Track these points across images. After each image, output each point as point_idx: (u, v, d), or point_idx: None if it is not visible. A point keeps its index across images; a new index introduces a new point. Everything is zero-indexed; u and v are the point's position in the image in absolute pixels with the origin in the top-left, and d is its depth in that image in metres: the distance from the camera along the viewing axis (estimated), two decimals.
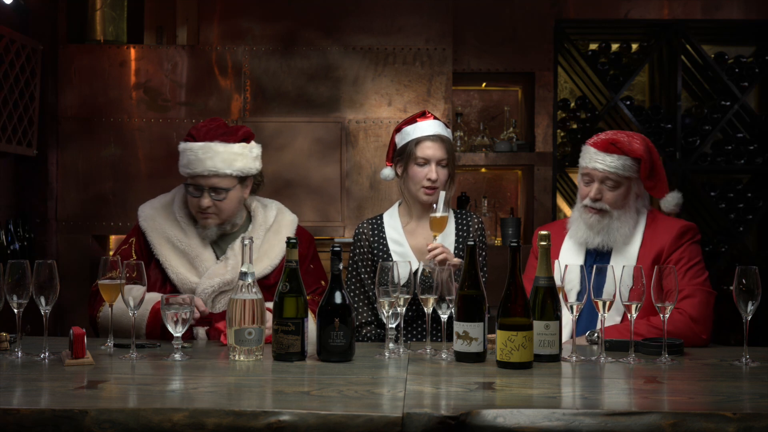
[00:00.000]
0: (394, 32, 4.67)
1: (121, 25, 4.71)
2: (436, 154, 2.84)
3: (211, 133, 2.75)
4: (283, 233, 2.86)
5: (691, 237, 2.68)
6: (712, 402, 1.77)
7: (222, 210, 2.75)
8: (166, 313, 2.21)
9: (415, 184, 2.85)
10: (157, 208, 2.84)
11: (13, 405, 1.69)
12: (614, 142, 2.67)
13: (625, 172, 2.66)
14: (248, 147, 2.80)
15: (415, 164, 2.84)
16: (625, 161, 2.66)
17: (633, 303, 2.21)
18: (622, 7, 4.96)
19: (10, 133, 4.20)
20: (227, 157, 2.73)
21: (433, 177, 2.82)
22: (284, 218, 2.93)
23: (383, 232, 2.93)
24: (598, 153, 2.69)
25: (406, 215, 2.96)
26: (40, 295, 2.20)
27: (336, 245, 2.26)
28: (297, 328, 2.21)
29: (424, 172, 2.83)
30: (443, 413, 1.66)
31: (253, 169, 2.80)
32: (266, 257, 2.80)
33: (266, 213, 2.89)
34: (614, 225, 2.68)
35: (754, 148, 5.04)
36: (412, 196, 2.88)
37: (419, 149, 2.84)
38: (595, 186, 2.70)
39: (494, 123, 5.27)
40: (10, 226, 4.23)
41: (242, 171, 2.75)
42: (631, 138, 2.69)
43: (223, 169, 2.72)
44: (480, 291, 2.21)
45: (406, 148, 2.87)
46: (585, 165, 2.73)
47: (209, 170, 2.71)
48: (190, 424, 1.64)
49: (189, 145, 2.76)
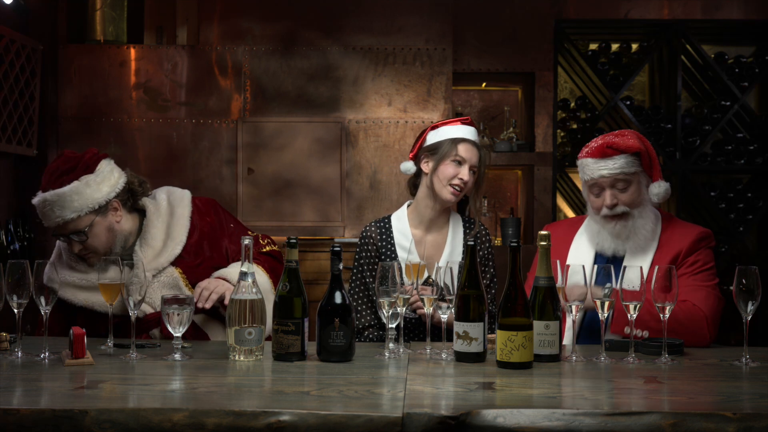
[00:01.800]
0: (394, 32, 4.67)
1: (121, 25, 4.71)
2: (472, 158, 2.85)
3: (49, 181, 2.64)
4: (178, 210, 2.82)
5: (708, 243, 2.69)
6: (712, 402, 1.77)
7: (95, 247, 2.67)
8: (167, 313, 2.20)
9: (444, 179, 2.84)
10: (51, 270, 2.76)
11: (13, 405, 1.69)
12: (609, 145, 2.65)
13: (630, 168, 2.65)
14: (87, 179, 2.65)
15: (451, 161, 2.84)
16: (626, 158, 2.65)
17: (632, 303, 2.21)
18: (622, 7, 4.96)
19: (10, 133, 4.20)
20: (65, 203, 2.60)
21: (465, 177, 2.82)
22: (175, 197, 2.87)
23: (392, 237, 2.91)
24: (597, 161, 2.67)
25: (415, 219, 2.93)
26: (40, 295, 2.20)
27: (336, 245, 2.26)
28: (297, 328, 2.21)
29: (457, 171, 2.83)
30: (443, 413, 1.66)
31: (102, 196, 2.66)
32: (171, 240, 2.78)
33: (156, 203, 2.84)
34: (639, 224, 2.66)
35: (754, 148, 5.04)
36: (435, 192, 2.86)
37: (460, 148, 2.84)
38: (607, 193, 2.67)
39: (494, 123, 5.27)
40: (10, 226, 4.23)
41: (88, 206, 2.62)
42: (622, 136, 2.68)
43: (67, 215, 2.60)
44: (480, 291, 2.21)
45: (441, 145, 2.86)
46: (590, 177, 2.69)
47: (56, 222, 2.61)
48: (190, 424, 1.64)
49: (37, 199, 2.65)
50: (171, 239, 2.78)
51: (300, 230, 4.60)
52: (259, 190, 4.64)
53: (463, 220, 2.97)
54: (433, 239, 2.91)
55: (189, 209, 2.85)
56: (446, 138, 2.87)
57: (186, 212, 2.84)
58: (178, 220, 2.81)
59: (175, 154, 4.59)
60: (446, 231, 2.92)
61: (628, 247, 2.67)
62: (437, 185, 2.85)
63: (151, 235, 2.78)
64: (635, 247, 2.67)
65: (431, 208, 2.90)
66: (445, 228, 2.93)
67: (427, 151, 2.90)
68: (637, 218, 2.66)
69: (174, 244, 2.77)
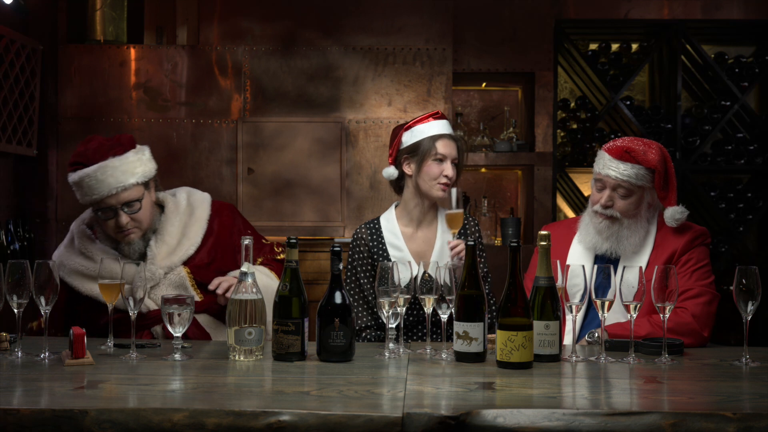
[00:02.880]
0: (394, 32, 4.67)
1: (121, 25, 4.71)
2: (452, 152, 2.87)
3: (99, 153, 2.69)
4: (198, 212, 2.87)
5: (702, 241, 2.69)
6: (712, 402, 1.77)
7: (141, 221, 2.73)
8: (167, 312, 2.21)
9: (431, 180, 2.84)
10: (62, 254, 2.80)
11: (13, 405, 1.69)
12: (629, 150, 2.63)
13: (638, 181, 2.63)
14: (139, 151, 2.76)
15: (433, 160, 2.84)
16: (639, 170, 2.62)
17: (632, 303, 2.21)
18: (622, 7, 4.96)
19: (10, 133, 4.20)
20: (127, 169, 2.68)
21: (450, 174, 2.83)
22: (195, 198, 2.92)
23: (382, 237, 2.92)
24: (612, 160, 2.65)
25: (404, 218, 2.95)
26: (40, 295, 2.20)
27: (336, 245, 2.26)
28: (297, 328, 2.21)
29: (441, 168, 2.84)
30: (443, 413, 1.66)
31: (153, 170, 2.78)
32: (186, 240, 2.81)
33: (176, 200, 2.89)
34: (623, 233, 2.66)
35: (754, 148, 5.04)
36: (425, 192, 2.87)
37: (439, 146, 2.84)
38: (606, 193, 2.67)
39: (494, 123, 5.27)
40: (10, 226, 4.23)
41: (145, 176, 2.72)
42: (647, 147, 2.64)
43: (128, 181, 2.68)
44: (480, 291, 2.21)
45: (420, 145, 2.86)
46: (599, 171, 2.68)
47: (115, 187, 2.66)
48: (190, 424, 1.64)
49: (83, 172, 2.67)
50: (186, 239, 2.81)
51: (300, 230, 4.60)
52: (259, 190, 4.64)
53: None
54: (423, 235, 2.92)
55: (208, 212, 2.89)
56: (423, 137, 2.87)
57: (205, 215, 2.88)
58: (196, 221, 2.85)
59: (175, 154, 4.59)
60: (435, 226, 2.94)
61: (607, 246, 2.67)
62: (424, 186, 2.86)
63: (167, 231, 2.81)
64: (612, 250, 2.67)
65: (419, 206, 2.91)
66: (434, 223, 2.94)
67: (407, 153, 2.90)
68: (624, 228, 2.66)
69: (189, 244, 2.80)
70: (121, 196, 2.68)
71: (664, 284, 2.20)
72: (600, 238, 2.68)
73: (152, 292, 2.72)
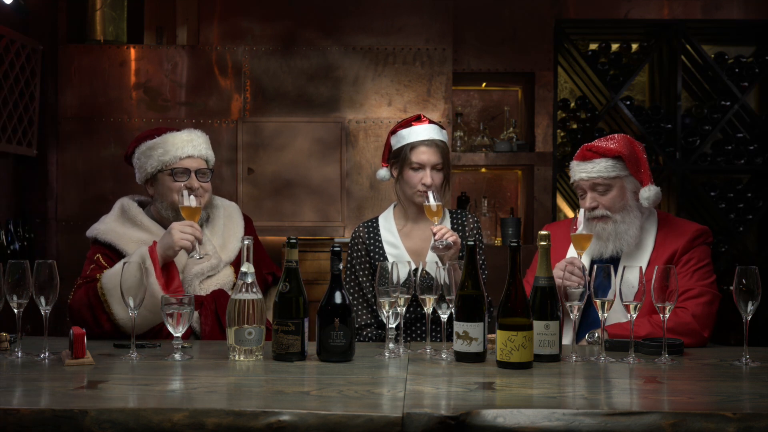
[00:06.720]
0: (394, 32, 4.67)
1: (121, 25, 4.71)
2: (430, 159, 2.84)
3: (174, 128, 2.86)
4: (234, 218, 2.95)
5: (704, 240, 2.69)
6: (712, 402, 1.77)
7: (207, 192, 2.83)
8: (167, 312, 2.21)
9: (411, 188, 2.86)
10: (110, 223, 2.84)
11: (13, 405, 1.69)
12: (590, 148, 2.70)
13: (610, 173, 2.66)
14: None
15: (410, 169, 2.84)
16: (606, 163, 2.66)
17: (632, 303, 2.20)
18: (622, 7, 4.96)
19: (10, 133, 4.20)
20: (208, 146, 2.87)
21: (427, 182, 2.82)
22: (227, 204, 3.01)
23: (379, 235, 2.93)
24: (579, 164, 2.72)
25: (401, 217, 2.96)
26: (40, 295, 2.20)
27: (336, 245, 2.26)
28: (297, 328, 2.21)
29: (418, 176, 2.83)
30: (443, 413, 1.66)
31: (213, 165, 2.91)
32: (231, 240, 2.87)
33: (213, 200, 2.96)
34: (621, 229, 2.67)
35: (754, 148, 5.04)
36: (408, 198, 2.90)
37: (414, 154, 2.84)
38: (588, 196, 2.71)
39: (494, 123, 5.27)
40: (10, 226, 4.23)
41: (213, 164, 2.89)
42: (608, 140, 2.71)
43: (208, 153, 2.85)
44: (480, 291, 2.21)
45: (401, 152, 2.87)
46: (573, 179, 2.76)
47: (199, 152, 2.80)
48: (190, 424, 1.64)
49: (170, 134, 2.82)
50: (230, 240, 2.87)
51: (300, 230, 4.60)
52: (259, 190, 4.64)
53: (450, 212, 2.98)
54: (420, 233, 2.93)
55: (242, 222, 2.96)
56: (404, 144, 2.88)
57: (240, 223, 2.95)
58: (235, 225, 2.92)
59: None
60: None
61: (611, 248, 2.68)
62: (407, 191, 2.88)
63: (216, 225, 2.89)
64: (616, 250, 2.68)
65: (413, 209, 2.92)
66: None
67: (393, 158, 2.94)
68: (620, 223, 2.67)
69: (232, 246, 2.87)
70: (200, 161, 2.80)
71: (665, 284, 2.20)
72: (601, 242, 2.68)
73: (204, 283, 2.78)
